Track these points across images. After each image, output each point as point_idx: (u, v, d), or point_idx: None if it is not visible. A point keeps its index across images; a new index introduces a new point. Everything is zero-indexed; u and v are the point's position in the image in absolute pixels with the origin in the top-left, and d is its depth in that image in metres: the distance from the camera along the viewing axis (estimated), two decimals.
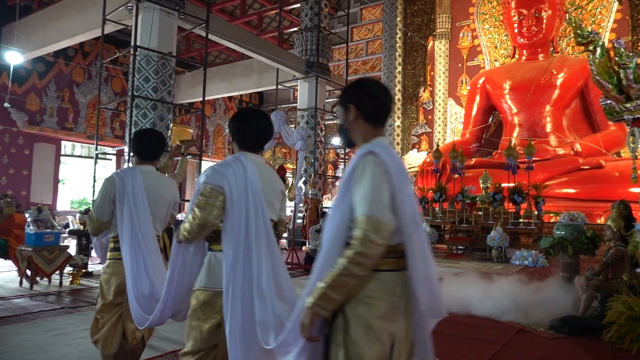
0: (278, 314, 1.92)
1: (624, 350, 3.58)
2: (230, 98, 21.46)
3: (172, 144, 13.58)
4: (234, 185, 1.98)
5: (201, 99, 10.23)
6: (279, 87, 15.00)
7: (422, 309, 1.61)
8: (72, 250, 7.12)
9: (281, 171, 8.52)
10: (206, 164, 20.77)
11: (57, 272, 6.12)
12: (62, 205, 15.91)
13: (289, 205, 18.66)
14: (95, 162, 9.51)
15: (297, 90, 16.30)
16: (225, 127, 21.37)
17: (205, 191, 1.97)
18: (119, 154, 16.02)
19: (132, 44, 8.93)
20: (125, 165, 8.89)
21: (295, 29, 18.51)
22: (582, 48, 4.36)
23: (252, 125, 2.15)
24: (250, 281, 1.94)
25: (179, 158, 3.62)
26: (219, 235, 2.03)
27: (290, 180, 9.44)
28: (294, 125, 17.80)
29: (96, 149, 9.55)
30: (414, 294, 1.59)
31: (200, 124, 11.15)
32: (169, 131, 9.34)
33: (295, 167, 13.13)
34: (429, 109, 19.47)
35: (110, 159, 16.85)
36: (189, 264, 2.17)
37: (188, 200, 15.92)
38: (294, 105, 19.47)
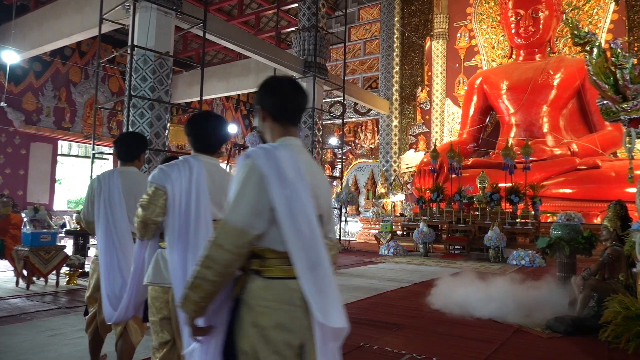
0: None
1: (620, 350, 3.60)
2: (227, 98, 21.43)
3: (170, 144, 13.56)
4: (177, 186, 2.05)
5: (198, 98, 10.22)
6: None
7: (320, 322, 1.49)
8: (69, 250, 7.10)
9: None
10: None
11: (54, 272, 6.10)
12: (58, 205, 15.87)
13: None
14: (92, 162, 9.48)
15: None
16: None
17: (149, 191, 2.06)
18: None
19: (129, 43, 8.91)
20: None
21: (293, 28, 18.51)
22: (579, 48, 4.37)
23: (202, 128, 2.23)
24: None
25: None
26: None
27: None
28: None
29: (93, 149, 9.52)
30: (308, 305, 1.48)
31: None
32: (166, 131, 9.32)
33: None
34: (426, 109, 19.49)
35: (107, 159, 16.81)
36: (147, 260, 2.23)
37: None
38: None
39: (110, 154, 16.03)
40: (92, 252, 3.15)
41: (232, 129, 21.04)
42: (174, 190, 2.05)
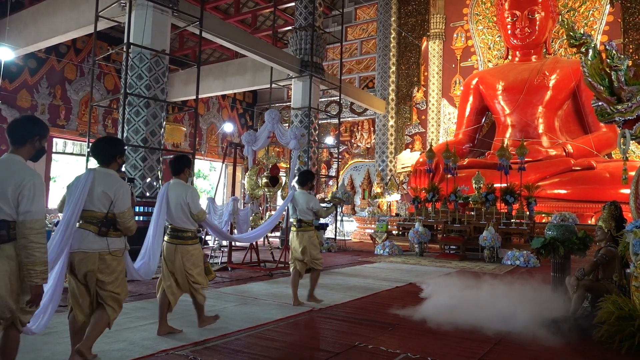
0: None
1: (614, 350, 3.62)
2: (224, 96, 21.38)
3: (166, 142, 13.52)
4: None
5: (195, 97, 10.19)
6: (273, 85, 14.97)
7: None
8: None
9: (275, 170, 8.51)
10: (199, 163, 20.70)
11: None
12: (53, 203, 15.79)
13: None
14: (87, 160, 9.45)
15: (291, 89, 16.27)
16: (218, 126, 21.31)
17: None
18: None
19: (125, 41, 8.87)
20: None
21: (290, 27, 18.49)
22: (574, 50, 4.39)
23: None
24: None
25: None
26: None
27: (283, 179, 9.43)
28: (287, 124, 17.79)
29: (88, 147, 9.48)
30: None
31: (194, 122, 11.11)
32: (162, 129, 9.29)
33: (288, 166, 13.11)
34: (422, 109, 19.52)
35: None
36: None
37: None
38: (288, 104, 19.44)
39: None
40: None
41: (228, 127, 21.01)
42: None
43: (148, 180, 8.95)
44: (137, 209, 8.73)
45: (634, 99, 3.91)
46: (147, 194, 8.93)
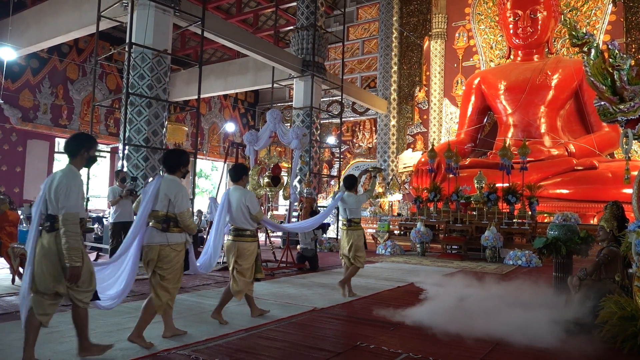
0: None
1: (616, 350, 3.60)
2: (225, 96, 21.41)
3: (167, 142, 13.53)
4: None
5: (196, 96, 10.20)
6: (275, 85, 14.98)
7: None
8: None
9: (276, 170, 8.51)
10: (200, 162, 20.74)
11: None
12: None
13: (284, 204, 18.67)
14: None
15: (292, 88, 16.28)
16: (220, 126, 21.32)
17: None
18: (113, 152, 15.94)
19: (127, 41, 8.89)
20: (120, 163, 8.85)
21: (291, 27, 18.50)
22: (576, 49, 4.37)
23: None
24: None
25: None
26: None
27: (285, 179, 9.43)
28: (289, 124, 17.79)
29: None
30: None
31: (196, 122, 11.12)
32: (164, 129, 9.31)
33: (290, 165, 13.12)
34: (424, 108, 19.51)
35: (105, 157, 16.75)
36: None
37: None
38: (290, 103, 19.45)
39: (108, 152, 16.01)
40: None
41: (230, 127, 21.02)
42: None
43: (150, 179, 8.96)
44: None
45: (636, 99, 3.90)
46: None
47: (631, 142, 3.98)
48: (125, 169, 8.70)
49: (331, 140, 20.67)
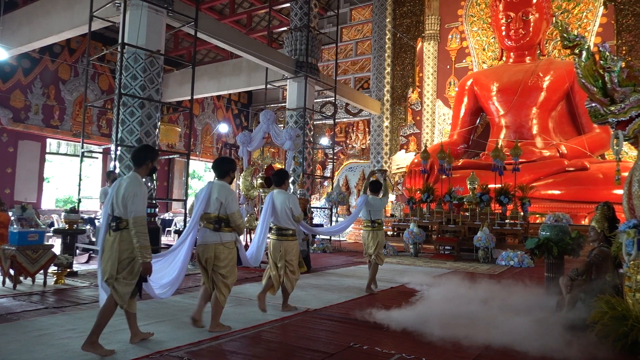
0: None
1: (607, 349, 3.63)
2: (219, 97, 21.35)
3: (160, 143, 13.47)
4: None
5: (189, 97, 10.17)
6: (268, 86, 14.97)
7: None
8: (57, 249, 7.03)
9: (270, 171, 8.50)
10: (194, 163, 20.66)
11: (41, 271, 6.03)
12: (47, 203, 15.70)
13: None
14: (81, 161, 9.40)
15: (286, 89, 16.27)
16: (213, 126, 21.27)
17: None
18: (106, 153, 15.84)
19: (120, 41, 8.84)
20: (112, 164, 8.80)
21: (285, 28, 18.49)
22: (568, 51, 4.41)
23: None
24: None
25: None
26: None
27: None
28: (282, 125, 17.77)
29: (82, 147, 9.44)
30: None
31: (189, 123, 11.08)
32: (157, 130, 9.27)
33: (283, 166, 13.10)
34: (417, 109, 19.57)
35: (97, 157, 16.67)
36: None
37: (176, 199, 15.69)
38: (283, 104, 19.44)
39: (100, 152, 15.91)
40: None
41: (223, 128, 20.96)
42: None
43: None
44: None
45: (626, 100, 3.94)
46: None
47: (621, 144, 4.02)
48: (117, 170, 8.65)
49: (324, 141, 20.67)
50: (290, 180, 13.38)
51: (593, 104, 4.17)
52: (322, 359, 3.37)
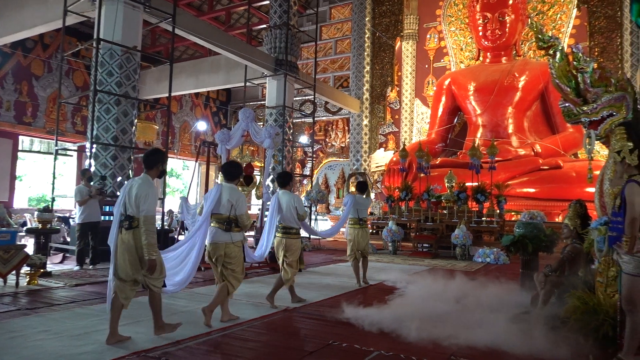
0: None
1: (579, 343, 3.71)
2: (197, 94, 21.13)
3: (137, 140, 13.24)
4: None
5: (167, 95, 10.04)
6: (247, 84, 14.87)
7: None
8: (30, 249, 6.86)
9: (249, 169, 8.45)
10: (171, 161, 20.40)
11: (14, 272, 5.88)
12: (19, 202, 15.31)
13: (257, 204, 18.55)
14: (55, 159, 9.20)
15: (265, 87, 16.20)
16: (191, 124, 21.04)
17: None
18: (80, 150, 15.53)
19: (95, 36, 8.67)
20: (87, 162, 8.63)
21: (264, 26, 18.39)
22: (542, 52, 4.50)
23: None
24: None
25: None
26: None
27: (258, 178, 9.37)
28: (262, 123, 17.69)
29: (56, 145, 9.23)
30: None
31: (166, 121, 10.93)
32: (134, 127, 9.12)
33: (263, 165, 13.04)
34: (396, 108, 19.71)
35: (71, 155, 16.27)
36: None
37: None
38: (263, 102, 19.35)
39: (75, 150, 15.58)
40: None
41: (202, 126, 20.75)
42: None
43: (119, 179, 8.77)
44: (108, 208, 8.53)
45: (598, 101, 4.04)
46: (118, 193, 8.74)
47: (593, 143, 4.12)
48: (92, 168, 8.49)
49: (304, 139, 20.66)
50: (270, 178, 13.34)
51: (566, 104, 4.27)
52: (302, 357, 3.38)
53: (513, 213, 13.11)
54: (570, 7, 16.95)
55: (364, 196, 6.78)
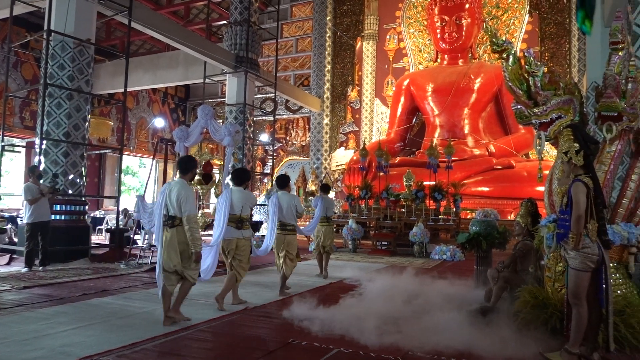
0: None
1: (530, 336, 3.86)
2: (154, 90, 20.60)
3: (91, 137, 12.78)
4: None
5: (123, 90, 9.74)
6: (207, 80, 14.63)
7: None
8: None
9: (208, 167, 8.31)
10: (127, 159, 19.82)
11: None
12: None
13: (215, 202, 18.31)
14: (2, 155, 8.76)
15: (225, 84, 15.98)
16: (148, 121, 20.50)
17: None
18: (29, 146, 14.82)
19: (46, 28, 8.31)
20: (36, 159, 8.25)
21: (224, 22, 18.14)
22: (496, 55, 4.65)
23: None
24: None
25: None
26: None
27: (217, 176, 9.23)
28: (221, 121, 17.45)
29: (2, 140, 8.79)
30: None
31: (122, 117, 10.61)
32: (87, 123, 8.80)
33: (222, 163, 12.87)
34: (356, 108, 19.89)
35: (19, 152, 15.52)
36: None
37: (107, 196, 14.98)
38: (222, 100, 19.09)
39: (23, 146, 14.86)
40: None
41: (159, 123, 20.26)
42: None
43: (71, 176, 8.43)
44: (57, 207, 8.20)
45: (548, 103, 4.21)
46: (70, 192, 8.41)
47: (543, 144, 4.29)
48: (42, 166, 8.13)
49: (264, 137, 20.53)
50: (229, 177, 13.17)
51: (519, 106, 4.43)
52: (260, 357, 3.36)
53: (468, 211, 13.49)
54: (523, 13, 17.60)
55: (330, 196, 7.62)
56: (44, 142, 8.20)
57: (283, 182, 6.09)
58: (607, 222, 3.76)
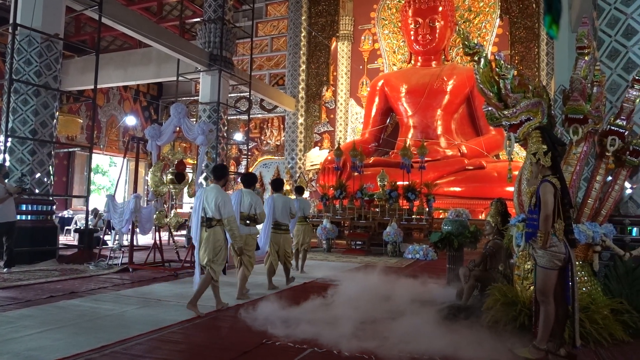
0: None
1: (499, 333, 3.95)
2: (126, 88, 20.18)
3: (59, 134, 12.45)
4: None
5: (92, 86, 9.52)
6: (180, 78, 14.43)
7: None
8: None
9: (181, 166, 8.20)
10: (97, 157, 19.37)
11: None
12: None
13: (189, 202, 18.12)
14: None
15: (199, 82, 15.79)
16: (119, 119, 20.09)
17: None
18: None
19: (12, 21, 8.05)
20: (0, 157, 7.98)
21: (198, 19, 17.92)
22: (468, 58, 4.73)
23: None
24: None
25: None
26: None
27: (190, 176, 9.12)
28: (195, 119, 17.23)
29: None
30: None
31: (91, 114, 10.35)
32: (55, 120, 8.56)
33: (195, 162, 12.71)
34: (331, 108, 19.95)
35: None
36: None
37: (76, 196, 14.59)
38: (196, 98, 18.86)
39: None
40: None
41: (131, 121, 19.87)
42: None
43: (37, 175, 8.19)
44: (23, 207, 7.95)
45: (517, 106, 4.32)
46: (37, 191, 8.17)
47: (513, 145, 4.39)
48: (7, 164, 7.87)
49: (239, 136, 20.37)
50: (203, 176, 13.04)
51: (489, 108, 4.52)
52: (235, 357, 3.33)
53: (441, 211, 13.70)
54: (494, 17, 17.97)
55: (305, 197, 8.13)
56: (9, 139, 7.94)
57: (278, 185, 6.66)
58: (573, 221, 3.87)
